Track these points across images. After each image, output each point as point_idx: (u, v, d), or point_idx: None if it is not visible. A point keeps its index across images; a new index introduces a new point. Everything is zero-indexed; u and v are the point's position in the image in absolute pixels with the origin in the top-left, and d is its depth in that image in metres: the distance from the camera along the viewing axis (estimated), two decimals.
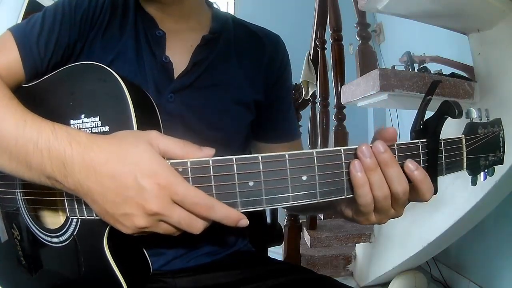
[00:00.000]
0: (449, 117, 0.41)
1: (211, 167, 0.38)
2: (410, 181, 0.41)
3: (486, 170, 0.48)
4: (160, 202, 0.36)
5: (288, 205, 0.39)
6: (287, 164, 0.38)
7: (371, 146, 0.39)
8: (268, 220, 0.98)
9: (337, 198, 0.40)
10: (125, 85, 0.44)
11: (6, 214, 0.59)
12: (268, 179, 0.38)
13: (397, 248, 1.60)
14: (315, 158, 0.38)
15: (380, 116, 3.01)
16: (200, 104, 0.59)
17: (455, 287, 1.73)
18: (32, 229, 0.53)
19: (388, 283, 1.67)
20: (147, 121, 0.45)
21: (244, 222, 0.38)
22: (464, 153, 0.45)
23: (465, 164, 0.45)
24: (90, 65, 0.47)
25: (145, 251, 0.52)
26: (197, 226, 0.38)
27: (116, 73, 0.45)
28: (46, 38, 0.53)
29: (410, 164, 0.40)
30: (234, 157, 0.38)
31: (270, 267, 0.64)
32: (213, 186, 0.38)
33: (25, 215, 0.54)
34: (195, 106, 0.59)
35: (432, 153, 0.42)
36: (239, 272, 0.61)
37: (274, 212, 1.02)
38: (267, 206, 0.39)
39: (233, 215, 0.37)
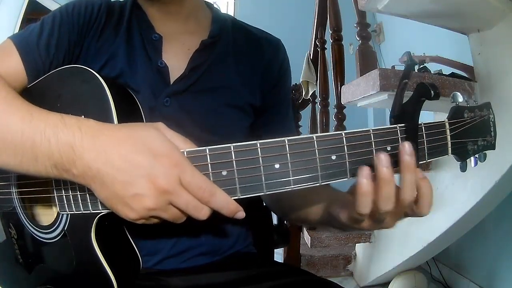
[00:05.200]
0: (428, 100, 0.39)
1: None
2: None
3: (476, 156, 0.45)
4: (170, 180, 0.37)
5: (263, 194, 0.39)
6: (259, 153, 0.38)
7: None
8: (275, 221, 0.96)
9: (312, 185, 0.40)
10: (107, 85, 0.46)
11: (3, 214, 0.59)
12: (240, 168, 0.39)
13: (397, 248, 1.60)
14: (287, 146, 0.39)
15: (380, 116, 3.02)
16: (196, 108, 0.60)
17: (455, 287, 1.73)
18: (28, 227, 0.54)
19: (388, 283, 1.67)
20: (129, 119, 0.46)
21: (241, 214, 0.40)
22: (448, 137, 0.43)
23: (449, 148, 0.43)
24: (75, 68, 0.49)
25: (134, 246, 0.52)
26: (202, 211, 0.39)
27: (100, 75, 0.47)
28: (46, 41, 0.54)
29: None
30: (207, 148, 0.39)
31: (269, 269, 0.63)
32: None
33: (21, 214, 0.55)
34: (191, 110, 0.59)
35: (411, 137, 0.40)
36: (236, 273, 0.60)
37: None
38: (241, 195, 0.39)
39: (232, 204, 0.39)
